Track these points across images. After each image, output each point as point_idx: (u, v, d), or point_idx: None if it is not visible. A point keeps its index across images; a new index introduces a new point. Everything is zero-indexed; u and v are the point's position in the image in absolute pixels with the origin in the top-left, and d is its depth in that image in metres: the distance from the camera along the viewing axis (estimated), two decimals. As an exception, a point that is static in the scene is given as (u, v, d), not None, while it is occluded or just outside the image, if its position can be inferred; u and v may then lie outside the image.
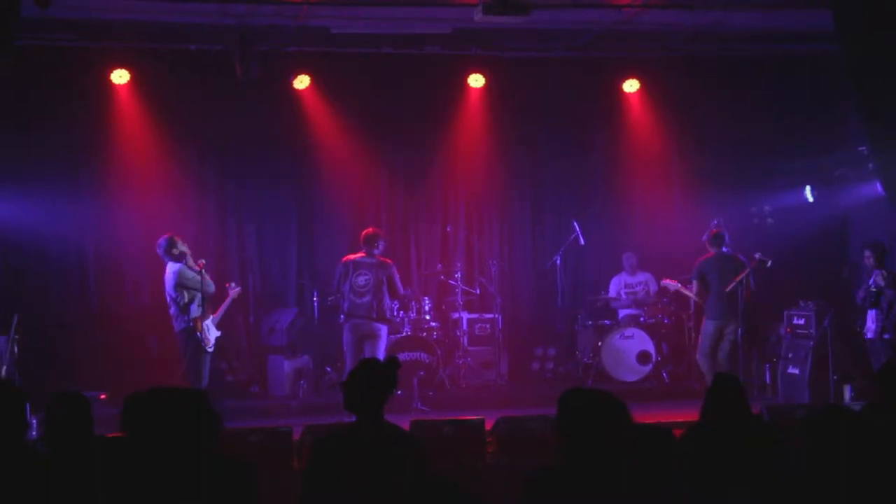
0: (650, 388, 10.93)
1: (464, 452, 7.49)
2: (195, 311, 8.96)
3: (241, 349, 11.52)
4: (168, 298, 9.03)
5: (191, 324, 8.91)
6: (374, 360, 4.63)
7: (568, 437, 3.32)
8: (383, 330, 9.78)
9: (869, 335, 9.58)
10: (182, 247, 9.10)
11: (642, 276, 11.70)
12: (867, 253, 9.75)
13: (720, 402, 4.36)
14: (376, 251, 9.76)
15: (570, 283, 12.28)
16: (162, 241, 9.10)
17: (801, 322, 10.36)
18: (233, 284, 9.49)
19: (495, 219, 12.47)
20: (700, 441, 4.16)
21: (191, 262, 9.07)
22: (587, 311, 11.75)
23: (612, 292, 11.78)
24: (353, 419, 4.43)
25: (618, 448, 3.26)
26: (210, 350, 9.03)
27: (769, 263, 10.08)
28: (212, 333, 9.09)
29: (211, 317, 9.12)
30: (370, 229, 10.00)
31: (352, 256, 9.86)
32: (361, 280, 9.70)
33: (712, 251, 10.10)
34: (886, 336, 9.39)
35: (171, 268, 9.03)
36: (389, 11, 10.07)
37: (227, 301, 9.37)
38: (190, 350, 8.88)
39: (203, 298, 8.97)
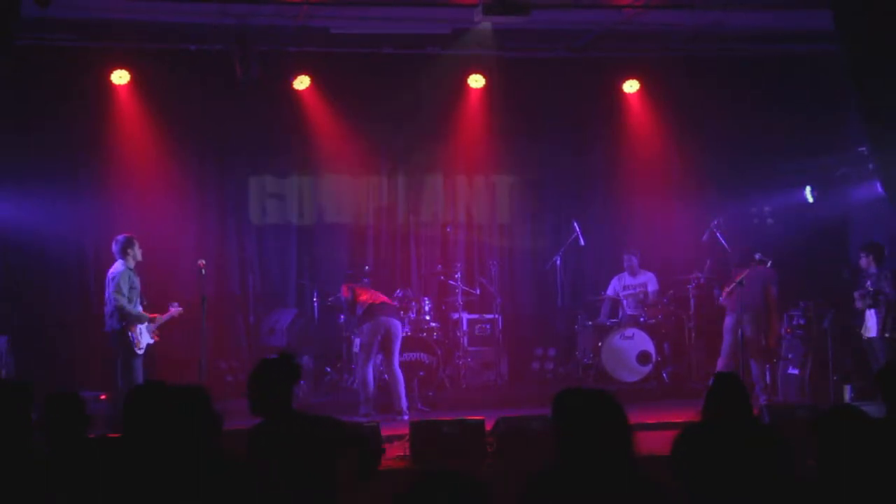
0: (650, 389, 10.92)
1: (464, 452, 7.50)
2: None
3: (241, 349, 11.51)
4: (106, 296, 9.04)
5: (123, 323, 8.91)
6: (272, 359, 4.61)
7: (562, 438, 3.32)
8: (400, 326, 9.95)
9: (870, 334, 9.59)
10: (136, 251, 9.13)
11: (643, 278, 11.63)
12: (863, 255, 9.77)
13: (721, 401, 4.35)
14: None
15: (570, 283, 12.27)
16: (121, 237, 9.15)
17: (801, 322, 10.37)
18: (175, 304, 9.44)
19: (495, 219, 12.47)
20: (699, 441, 4.15)
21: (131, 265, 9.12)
22: (587, 312, 11.75)
23: (609, 291, 11.77)
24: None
25: (614, 447, 3.26)
26: (140, 352, 8.98)
27: (769, 263, 10.11)
28: (144, 338, 9.06)
29: (147, 323, 9.10)
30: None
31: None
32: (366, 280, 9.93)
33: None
34: (887, 335, 9.40)
35: (117, 267, 9.04)
36: (389, 11, 10.08)
37: (165, 316, 9.31)
38: (122, 352, 8.91)
39: (140, 302, 9.04)
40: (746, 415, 4.36)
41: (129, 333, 8.92)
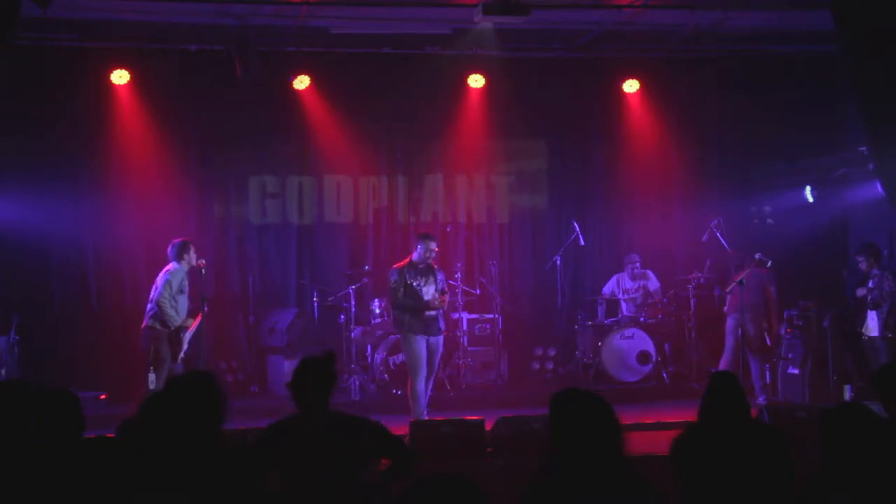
0: (650, 389, 10.93)
1: (464, 452, 7.50)
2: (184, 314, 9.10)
3: (241, 349, 11.52)
4: (152, 294, 9.05)
5: (162, 323, 8.94)
6: (314, 359, 4.64)
7: (555, 438, 3.32)
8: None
9: (870, 334, 9.59)
10: (192, 255, 9.17)
11: (642, 280, 11.64)
12: (860, 258, 9.78)
13: (718, 401, 4.33)
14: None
15: (570, 283, 12.27)
16: (177, 241, 9.22)
17: (801, 322, 10.36)
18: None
19: (495, 219, 12.47)
20: (698, 441, 4.14)
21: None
22: (587, 311, 11.75)
23: (606, 290, 11.76)
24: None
25: (604, 447, 3.26)
26: (180, 358, 9.00)
27: (769, 263, 10.11)
28: (184, 344, 9.09)
29: (185, 329, 9.10)
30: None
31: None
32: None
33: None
34: (889, 335, 9.40)
35: (172, 266, 9.07)
36: (389, 11, 10.07)
37: (197, 323, 9.28)
38: (160, 354, 8.86)
39: (186, 308, 9.08)
40: (744, 414, 4.33)
41: (181, 335, 8.96)
